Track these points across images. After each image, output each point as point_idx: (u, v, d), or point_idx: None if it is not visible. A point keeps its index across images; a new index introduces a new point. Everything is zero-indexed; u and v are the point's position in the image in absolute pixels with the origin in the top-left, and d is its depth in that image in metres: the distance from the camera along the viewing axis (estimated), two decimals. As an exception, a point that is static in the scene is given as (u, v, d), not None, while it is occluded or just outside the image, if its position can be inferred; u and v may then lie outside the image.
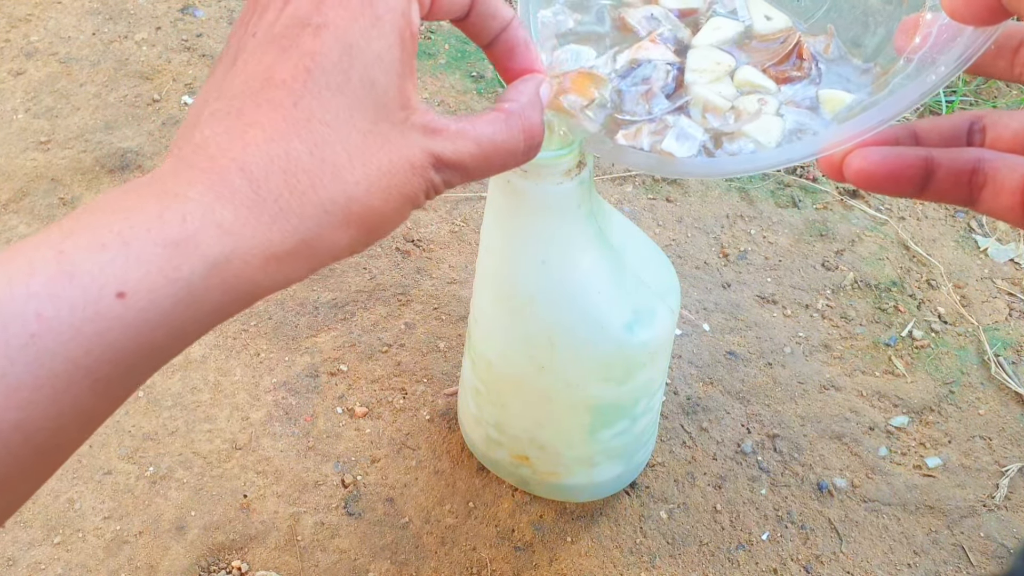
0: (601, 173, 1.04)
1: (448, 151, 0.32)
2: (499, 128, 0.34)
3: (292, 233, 0.29)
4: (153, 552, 0.73)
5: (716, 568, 0.75)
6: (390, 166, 0.30)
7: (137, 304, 0.26)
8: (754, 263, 0.97)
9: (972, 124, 0.37)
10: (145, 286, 0.26)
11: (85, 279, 0.25)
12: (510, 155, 0.34)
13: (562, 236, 0.57)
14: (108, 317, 0.25)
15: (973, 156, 0.35)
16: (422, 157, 0.31)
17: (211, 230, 0.27)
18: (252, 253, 0.28)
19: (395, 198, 0.31)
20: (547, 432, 0.69)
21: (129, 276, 0.26)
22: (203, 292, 0.27)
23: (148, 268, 0.26)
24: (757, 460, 0.82)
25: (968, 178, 0.35)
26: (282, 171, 0.29)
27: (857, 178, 0.35)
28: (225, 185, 0.28)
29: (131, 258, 0.26)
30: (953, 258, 0.98)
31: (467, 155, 0.33)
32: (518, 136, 0.34)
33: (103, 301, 0.25)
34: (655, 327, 0.62)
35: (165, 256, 0.26)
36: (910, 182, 0.35)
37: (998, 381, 0.88)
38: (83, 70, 1.09)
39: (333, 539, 0.75)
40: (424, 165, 0.31)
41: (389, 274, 0.92)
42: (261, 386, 0.83)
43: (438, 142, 0.32)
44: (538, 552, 0.75)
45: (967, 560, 0.76)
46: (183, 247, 0.27)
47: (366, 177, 0.30)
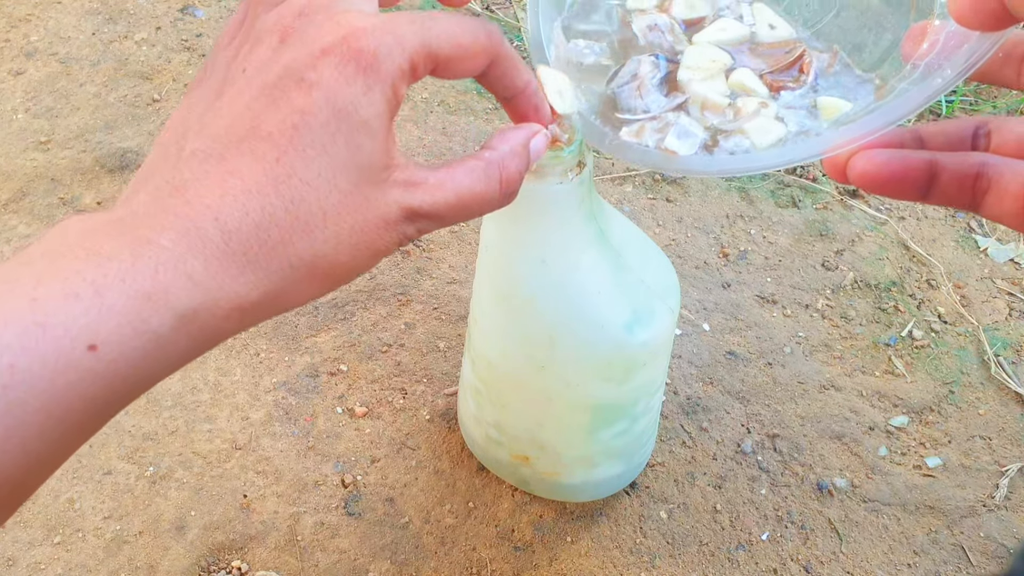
0: (601, 173, 1.04)
1: (426, 203, 0.33)
2: (477, 177, 0.34)
3: (258, 286, 0.29)
4: (153, 552, 0.73)
5: (716, 568, 0.75)
6: (364, 224, 0.31)
7: (108, 356, 0.26)
8: (754, 263, 0.97)
9: (977, 129, 0.37)
10: (116, 339, 0.26)
11: (58, 331, 0.26)
12: (486, 203, 0.35)
13: (562, 236, 0.57)
14: (80, 369, 0.26)
15: (977, 160, 0.35)
16: (397, 213, 0.32)
17: (181, 282, 0.28)
18: (219, 305, 0.29)
19: (363, 253, 0.32)
20: (547, 432, 0.69)
21: (101, 329, 0.26)
22: (170, 342, 0.28)
23: (119, 321, 0.26)
24: (757, 460, 0.82)
25: (972, 182, 0.35)
26: (255, 225, 0.29)
27: (861, 180, 0.36)
28: (198, 234, 0.28)
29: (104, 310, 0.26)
30: (953, 258, 0.98)
31: (444, 206, 0.33)
32: (495, 186, 0.35)
33: (75, 353, 0.26)
34: (655, 327, 0.62)
35: (136, 308, 0.27)
36: (914, 185, 0.35)
37: (998, 381, 0.88)
38: (83, 70, 1.09)
39: (333, 539, 0.75)
40: (398, 220, 0.32)
41: (389, 274, 0.92)
42: (261, 386, 0.83)
43: (416, 196, 0.33)
44: (538, 552, 0.75)
45: (967, 560, 0.76)
46: (154, 300, 0.27)
47: (336, 236, 0.31)
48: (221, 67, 0.33)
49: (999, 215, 0.35)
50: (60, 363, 0.26)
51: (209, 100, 0.32)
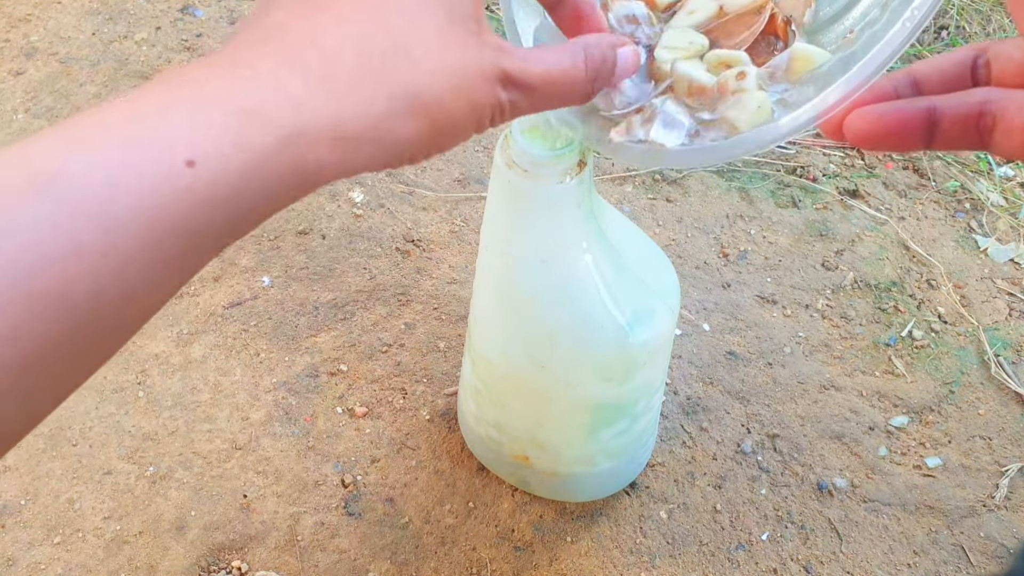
0: (601, 173, 1.04)
1: (518, 70, 0.32)
2: (564, 56, 0.34)
3: (360, 114, 0.28)
4: (153, 552, 0.73)
5: (716, 568, 0.75)
6: (463, 67, 0.30)
7: (207, 173, 0.25)
8: (754, 263, 0.97)
9: (976, 59, 0.35)
10: (215, 155, 0.25)
11: (155, 146, 0.24)
12: (573, 84, 0.34)
13: (562, 236, 0.57)
14: (177, 186, 0.24)
15: (978, 98, 0.33)
16: (493, 70, 0.31)
17: (282, 102, 0.27)
18: (321, 130, 0.27)
19: (464, 101, 0.30)
20: (547, 431, 0.69)
21: (200, 144, 0.25)
22: (273, 166, 0.26)
23: (219, 137, 0.25)
24: (757, 460, 0.81)
25: (975, 122, 0.33)
26: (355, 50, 0.28)
27: (858, 139, 0.34)
28: (297, 57, 0.27)
29: (202, 126, 0.25)
30: (953, 258, 0.98)
31: (536, 76, 0.32)
32: (580, 66, 0.34)
33: (173, 169, 0.24)
34: (655, 327, 0.62)
35: (236, 125, 0.26)
36: (913, 136, 0.34)
37: (998, 381, 0.88)
38: (83, 70, 1.09)
39: (333, 539, 0.75)
40: (495, 78, 0.31)
41: (389, 274, 0.92)
42: (261, 386, 0.83)
43: (509, 60, 0.31)
44: (538, 552, 0.75)
45: (967, 560, 0.76)
46: (254, 117, 0.26)
47: (440, 70, 0.29)
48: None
49: (1009, 152, 0.33)
50: (158, 179, 0.24)
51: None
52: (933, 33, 1.20)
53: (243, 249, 0.93)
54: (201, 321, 0.87)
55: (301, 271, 0.92)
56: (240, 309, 0.89)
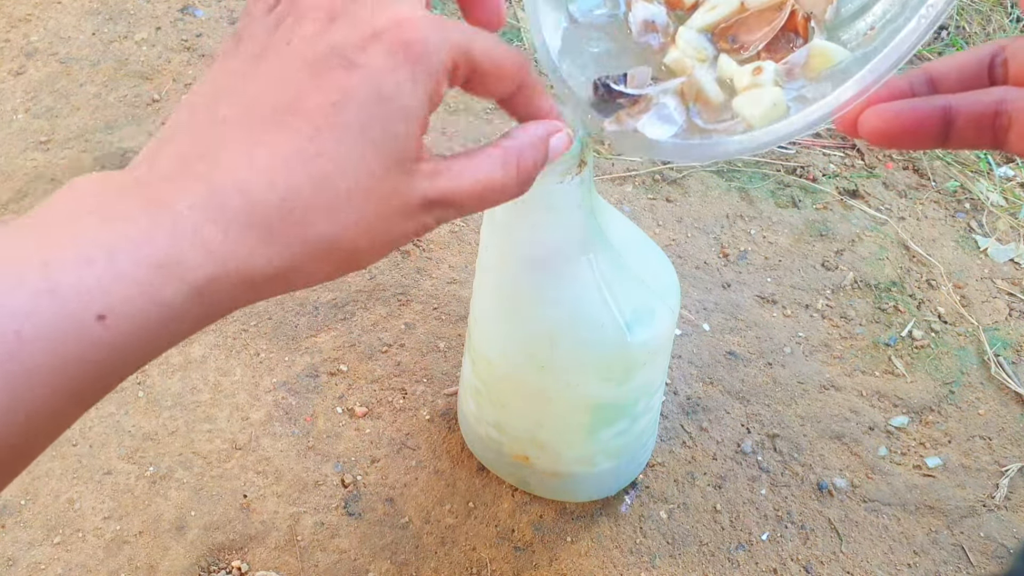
0: (601, 173, 1.04)
1: (447, 192, 0.32)
2: (495, 165, 0.34)
3: (274, 261, 0.29)
4: (153, 552, 0.73)
5: (716, 568, 0.75)
6: (386, 211, 0.31)
7: (118, 326, 0.26)
8: (754, 263, 0.97)
9: (994, 57, 0.35)
10: (127, 309, 0.26)
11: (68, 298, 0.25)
12: (503, 191, 0.34)
13: (562, 236, 0.57)
14: (88, 338, 0.25)
15: (995, 97, 0.33)
16: (419, 202, 0.32)
17: (198, 252, 0.27)
18: (233, 277, 0.28)
19: (381, 239, 0.31)
20: (547, 432, 0.69)
21: (112, 298, 0.25)
22: (182, 313, 0.27)
23: (131, 290, 0.26)
24: (757, 460, 0.81)
25: (991, 122, 0.33)
26: (280, 199, 0.28)
27: (873, 136, 0.34)
28: (220, 202, 0.28)
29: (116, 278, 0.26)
30: (953, 258, 0.98)
31: (464, 193, 0.33)
32: (512, 173, 0.34)
33: (85, 323, 0.25)
34: (655, 327, 0.62)
35: (150, 278, 0.26)
36: (928, 135, 0.34)
37: (998, 381, 0.88)
38: (83, 70, 1.09)
39: (333, 539, 0.75)
40: (419, 209, 0.32)
41: (389, 274, 0.92)
42: (261, 386, 0.83)
43: (438, 184, 0.32)
44: (538, 552, 0.75)
45: (967, 560, 0.76)
46: (169, 269, 0.26)
47: (359, 220, 0.30)
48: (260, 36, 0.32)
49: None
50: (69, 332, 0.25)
51: (246, 68, 0.31)
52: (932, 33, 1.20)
53: (243, 249, 0.93)
54: (201, 321, 0.87)
55: (301, 271, 0.92)
56: (240, 309, 0.89)
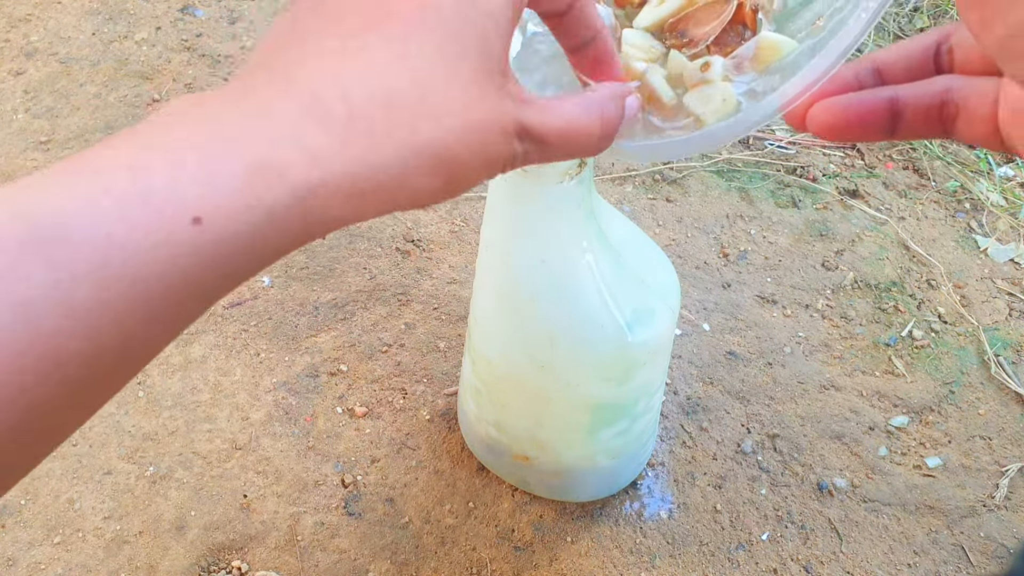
0: (601, 173, 1.04)
1: (536, 123, 0.31)
2: (583, 110, 0.33)
3: (381, 169, 0.27)
4: (153, 552, 0.73)
5: (716, 568, 0.75)
6: (485, 123, 0.29)
7: (213, 231, 0.24)
8: (754, 263, 0.97)
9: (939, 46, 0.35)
10: (223, 212, 0.24)
11: (160, 200, 0.23)
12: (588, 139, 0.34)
13: (562, 236, 0.57)
14: (182, 243, 0.24)
15: (941, 87, 0.33)
16: (513, 124, 0.30)
17: (300, 155, 0.25)
18: (338, 186, 0.26)
19: (480, 157, 0.30)
20: (547, 431, 0.69)
21: (207, 200, 0.24)
22: (283, 222, 0.25)
23: (228, 193, 0.24)
24: (757, 460, 0.81)
25: (938, 112, 0.33)
26: (382, 103, 0.27)
27: (821, 131, 0.34)
28: (321, 106, 0.26)
29: (211, 180, 0.24)
30: (953, 258, 0.98)
31: (553, 130, 0.32)
32: (596, 123, 0.34)
33: (178, 226, 0.23)
34: (655, 327, 0.62)
35: (248, 181, 0.24)
36: (876, 127, 0.34)
37: (998, 381, 0.88)
38: (83, 70, 1.09)
39: (333, 539, 0.75)
40: (513, 132, 0.30)
41: (389, 274, 0.92)
42: (261, 386, 0.83)
43: (529, 113, 0.31)
44: (538, 552, 0.75)
45: (967, 560, 0.76)
46: (268, 172, 0.25)
47: (461, 126, 0.29)
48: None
49: (972, 140, 0.33)
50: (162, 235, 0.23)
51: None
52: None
53: (243, 249, 0.93)
54: (201, 321, 0.87)
55: (301, 271, 0.92)
56: (240, 309, 0.89)
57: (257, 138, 0.25)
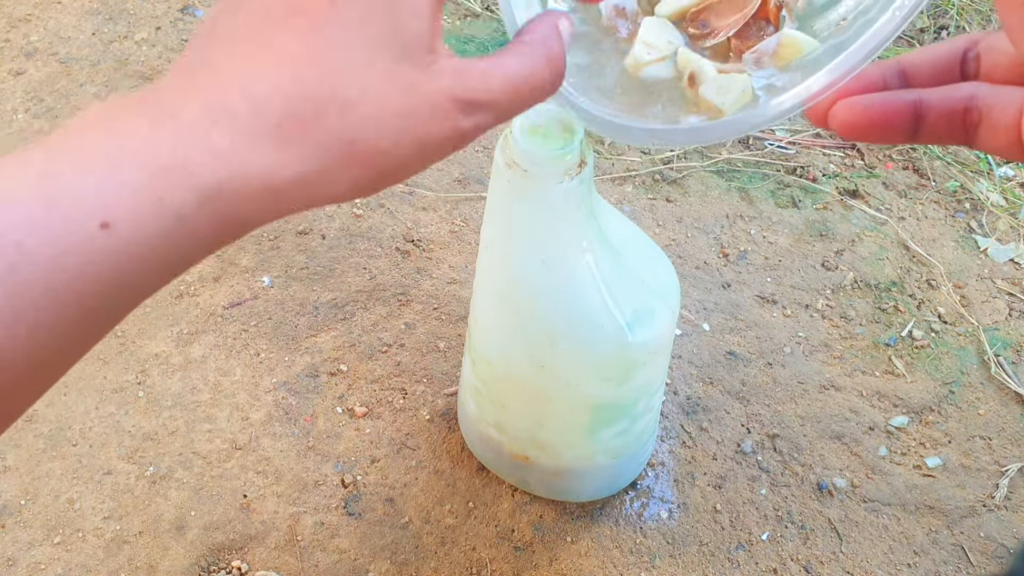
0: (601, 173, 1.04)
1: (479, 91, 0.30)
2: (526, 60, 0.32)
3: (289, 164, 0.27)
4: (153, 552, 0.73)
5: (716, 568, 0.75)
6: (406, 108, 0.29)
7: (122, 234, 0.24)
8: (754, 263, 0.97)
9: (966, 52, 0.35)
10: (131, 216, 0.24)
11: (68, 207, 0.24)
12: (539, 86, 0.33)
13: (562, 235, 0.57)
14: (92, 248, 0.24)
15: (965, 93, 0.33)
16: (448, 102, 0.30)
17: (204, 156, 0.25)
18: (247, 183, 0.26)
19: (406, 141, 0.29)
20: (547, 431, 0.69)
21: (115, 205, 0.24)
22: (193, 223, 0.25)
23: (135, 196, 0.24)
24: (757, 460, 0.81)
25: (961, 118, 0.33)
26: (287, 97, 0.27)
27: (842, 129, 0.34)
28: (224, 107, 0.26)
29: (117, 185, 0.24)
30: (953, 258, 0.99)
31: (499, 91, 0.31)
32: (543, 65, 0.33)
33: (87, 231, 0.24)
34: (655, 327, 0.62)
35: (154, 183, 0.25)
36: (898, 129, 0.34)
37: (998, 381, 0.88)
38: (83, 70, 1.09)
39: (333, 539, 0.75)
40: (448, 110, 0.30)
41: (389, 274, 0.92)
42: (261, 386, 0.83)
43: (466, 83, 0.30)
44: (538, 552, 0.75)
45: (967, 560, 0.76)
46: (173, 174, 0.25)
47: (377, 116, 0.28)
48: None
49: (993, 149, 0.33)
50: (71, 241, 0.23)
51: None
52: (933, 33, 1.20)
53: (243, 249, 0.93)
54: (201, 321, 0.87)
55: (301, 271, 0.92)
56: (240, 309, 0.89)
57: (162, 142, 0.25)
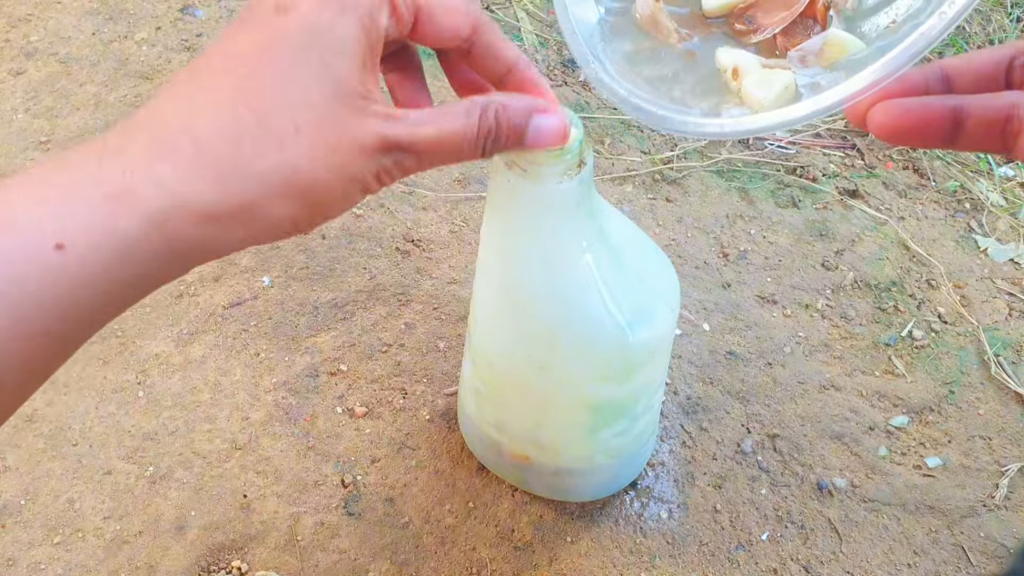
0: (601, 173, 1.04)
1: (403, 135, 0.32)
2: (457, 117, 0.34)
3: (229, 195, 0.29)
4: (153, 552, 0.73)
5: (716, 568, 0.75)
6: (338, 144, 0.31)
7: (77, 255, 0.26)
8: (754, 263, 0.97)
9: (1013, 60, 0.35)
10: (84, 238, 0.26)
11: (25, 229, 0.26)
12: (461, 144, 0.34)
13: (562, 236, 0.57)
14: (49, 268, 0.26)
15: (1007, 102, 0.33)
16: (373, 140, 0.32)
17: (150, 186, 0.28)
18: (189, 211, 0.28)
19: (337, 175, 0.31)
20: (548, 432, 0.69)
21: (68, 227, 0.26)
22: (141, 247, 0.28)
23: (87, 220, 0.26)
24: (757, 460, 0.81)
25: (1001, 127, 0.33)
26: (227, 137, 0.29)
27: (880, 131, 0.34)
28: (167, 144, 0.29)
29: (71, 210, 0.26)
30: (953, 258, 0.98)
31: (422, 139, 0.33)
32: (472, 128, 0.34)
33: (43, 252, 0.26)
34: (655, 326, 0.62)
35: (104, 209, 0.27)
36: (936, 134, 0.34)
37: (998, 381, 0.88)
38: (83, 70, 1.09)
39: (333, 539, 0.75)
40: (374, 148, 0.32)
41: (389, 274, 0.92)
42: (261, 386, 0.83)
43: (395, 127, 0.32)
44: (538, 552, 0.75)
45: (967, 560, 0.76)
46: (122, 200, 0.27)
47: (310, 151, 0.30)
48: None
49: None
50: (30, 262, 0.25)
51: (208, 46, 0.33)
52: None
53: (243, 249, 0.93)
54: (201, 321, 0.87)
55: (301, 271, 0.92)
56: (240, 309, 0.89)
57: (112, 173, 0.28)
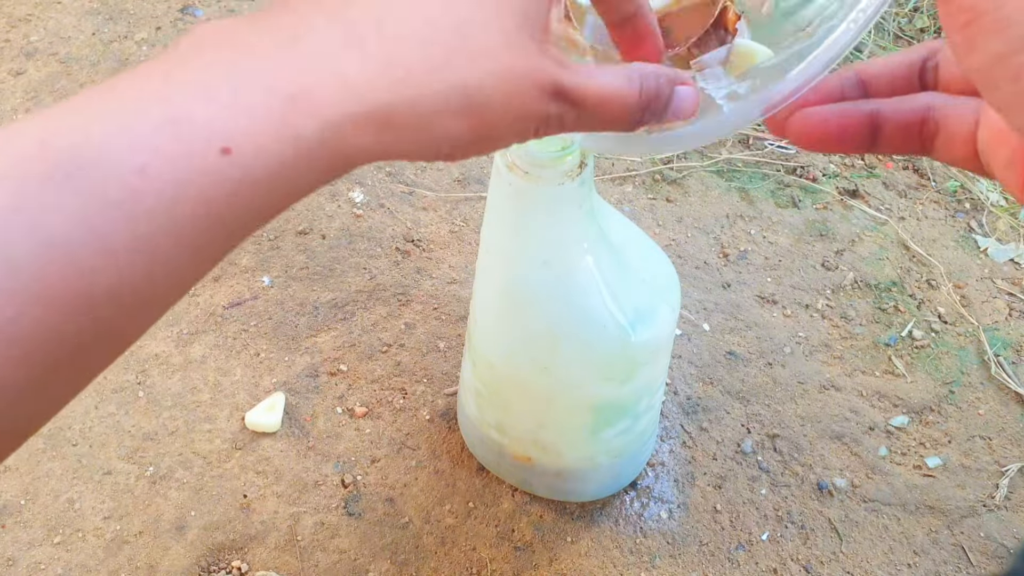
0: (601, 173, 1.04)
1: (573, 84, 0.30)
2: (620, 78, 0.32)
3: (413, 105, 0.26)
4: (153, 552, 0.73)
5: (716, 568, 0.75)
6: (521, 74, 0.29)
7: (243, 162, 0.24)
8: (754, 263, 0.97)
9: (925, 61, 0.35)
10: (253, 143, 0.24)
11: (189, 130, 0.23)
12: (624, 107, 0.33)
13: (563, 236, 0.57)
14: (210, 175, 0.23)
15: (922, 104, 0.33)
16: (548, 81, 0.30)
17: (334, 84, 0.25)
18: (369, 117, 0.26)
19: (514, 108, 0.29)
20: (550, 433, 0.69)
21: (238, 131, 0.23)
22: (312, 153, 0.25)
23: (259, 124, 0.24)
24: (757, 460, 0.82)
25: (918, 129, 0.33)
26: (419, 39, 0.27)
27: (799, 140, 0.34)
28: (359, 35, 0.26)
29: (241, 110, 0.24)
30: (953, 258, 0.99)
31: (590, 93, 0.31)
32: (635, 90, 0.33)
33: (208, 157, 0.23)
34: (656, 326, 0.62)
35: (278, 111, 0.24)
36: (855, 140, 0.34)
37: (998, 381, 0.88)
38: (83, 70, 1.09)
39: (333, 539, 0.75)
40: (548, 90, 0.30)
41: (389, 274, 0.92)
42: (261, 386, 0.83)
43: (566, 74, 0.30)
44: (538, 552, 0.75)
45: (967, 560, 0.76)
46: (299, 102, 0.24)
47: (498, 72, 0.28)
48: None
49: (950, 160, 0.33)
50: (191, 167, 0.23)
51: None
52: (933, 33, 1.20)
53: (243, 249, 0.93)
54: (201, 321, 0.87)
55: (301, 271, 0.92)
56: (240, 309, 0.89)
57: (288, 66, 0.25)
